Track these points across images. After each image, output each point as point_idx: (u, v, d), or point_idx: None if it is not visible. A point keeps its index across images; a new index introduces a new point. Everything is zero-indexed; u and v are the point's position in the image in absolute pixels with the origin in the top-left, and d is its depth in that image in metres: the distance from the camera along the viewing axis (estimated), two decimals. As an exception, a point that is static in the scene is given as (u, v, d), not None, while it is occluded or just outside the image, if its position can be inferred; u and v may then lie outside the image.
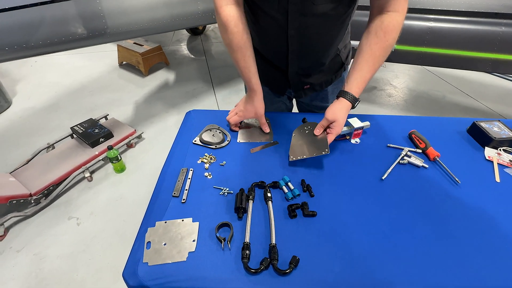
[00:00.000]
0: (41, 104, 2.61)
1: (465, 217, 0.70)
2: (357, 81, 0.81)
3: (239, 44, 0.80)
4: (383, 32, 0.76)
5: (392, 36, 0.77)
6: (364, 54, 0.79)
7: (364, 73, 0.80)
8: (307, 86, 1.01)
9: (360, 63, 0.80)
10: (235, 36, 0.79)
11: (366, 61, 0.79)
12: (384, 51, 0.79)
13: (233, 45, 0.80)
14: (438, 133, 0.96)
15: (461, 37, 1.87)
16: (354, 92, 0.81)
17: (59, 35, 1.30)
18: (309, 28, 0.82)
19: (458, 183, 0.78)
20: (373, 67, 0.80)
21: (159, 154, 2.08)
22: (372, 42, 0.78)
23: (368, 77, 0.81)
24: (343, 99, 0.82)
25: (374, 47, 0.78)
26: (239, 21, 0.78)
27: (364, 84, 0.81)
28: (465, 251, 0.63)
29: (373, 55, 0.78)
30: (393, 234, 0.65)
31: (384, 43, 0.77)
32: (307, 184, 0.76)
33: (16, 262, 1.39)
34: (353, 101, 0.81)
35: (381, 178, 0.79)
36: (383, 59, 0.80)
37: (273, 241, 0.62)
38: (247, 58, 0.83)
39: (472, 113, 2.64)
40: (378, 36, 0.77)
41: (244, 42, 0.80)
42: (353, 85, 0.81)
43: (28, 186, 1.65)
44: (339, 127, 0.81)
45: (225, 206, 0.71)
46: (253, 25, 0.88)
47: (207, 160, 0.84)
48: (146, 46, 3.11)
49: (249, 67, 0.84)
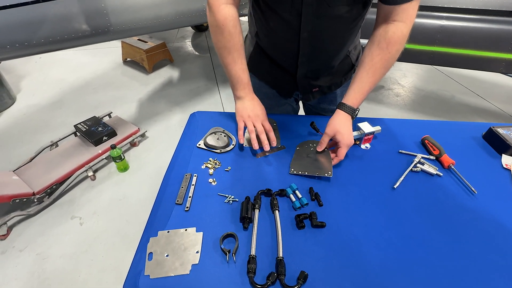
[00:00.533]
0: (45, 101, 2.61)
1: (482, 232, 0.66)
2: (355, 92, 0.78)
3: (236, 46, 0.77)
4: (386, 43, 0.73)
5: (395, 48, 0.74)
6: (365, 65, 0.77)
7: (363, 85, 0.77)
8: (316, 89, 0.97)
9: (360, 74, 0.78)
10: (233, 37, 0.75)
11: (366, 72, 0.77)
12: (385, 63, 0.76)
13: (231, 47, 0.77)
14: (452, 139, 0.92)
15: (474, 36, 1.81)
16: (351, 103, 0.79)
17: (61, 33, 1.28)
18: (322, 31, 0.79)
19: (475, 193, 0.74)
20: (373, 79, 0.77)
21: (163, 153, 2.07)
22: (374, 53, 0.75)
23: (367, 89, 0.78)
24: (340, 111, 0.80)
25: (375, 58, 0.75)
26: (237, 22, 0.75)
27: (362, 95, 0.79)
28: (482, 269, 0.59)
29: (373, 66, 0.76)
30: (406, 249, 0.62)
31: (386, 55, 0.74)
32: (316, 192, 0.73)
33: (19, 262, 1.39)
34: (351, 112, 0.79)
35: (393, 187, 0.76)
36: (385, 71, 0.78)
37: (280, 254, 0.59)
38: (244, 60, 0.81)
39: (483, 114, 2.57)
40: (380, 47, 0.74)
41: (241, 44, 0.78)
42: (351, 97, 0.79)
43: (31, 184, 1.64)
44: (345, 138, 0.77)
45: (230, 215, 0.68)
46: (262, 26, 0.85)
47: (212, 165, 0.81)
48: (150, 43, 3.08)
49: (246, 69, 0.83)
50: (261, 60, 0.95)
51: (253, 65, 0.97)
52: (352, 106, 0.79)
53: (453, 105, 2.72)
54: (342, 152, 0.78)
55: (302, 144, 0.88)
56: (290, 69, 0.92)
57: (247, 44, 0.99)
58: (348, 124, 0.79)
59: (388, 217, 0.69)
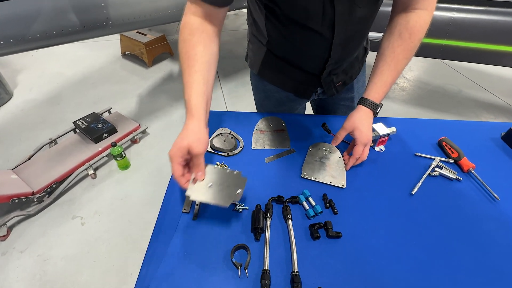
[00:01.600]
0: (43, 96, 2.55)
1: (506, 241, 0.62)
2: (377, 86, 0.74)
3: (188, 53, 0.64)
4: (409, 34, 0.69)
5: (418, 37, 0.69)
6: (386, 57, 0.72)
7: (385, 78, 0.73)
8: (339, 83, 0.93)
9: (381, 67, 0.73)
10: (186, 44, 0.64)
11: (388, 64, 0.72)
12: (408, 54, 0.71)
13: (182, 54, 0.65)
14: (470, 140, 0.88)
15: (486, 29, 1.74)
16: (374, 98, 0.74)
17: (58, 27, 1.21)
18: (355, 34, 0.75)
19: (497, 200, 0.70)
20: (395, 71, 0.72)
21: (165, 150, 2.01)
22: (395, 44, 0.71)
23: (390, 82, 0.73)
24: (362, 106, 0.75)
25: (397, 49, 0.71)
26: (196, 32, 0.64)
27: (386, 89, 0.74)
28: (509, 284, 0.56)
29: (395, 58, 0.71)
30: (428, 261, 0.59)
31: (409, 45, 0.70)
32: (330, 199, 0.69)
33: (20, 264, 1.36)
34: (373, 107, 0.74)
35: (411, 193, 0.72)
36: (407, 62, 0.73)
37: (295, 269, 0.56)
38: (193, 73, 0.63)
39: (491, 109, 2.52)
40: (402, 38, 0.70)
41: (194, 53, 0.64)
42: (373, 91, 0.74)
43: (31, 184, 1.60)
44: (362, 135, 0.73)
45: (240, 224, 0.65)
46: (281, 38, 0.80)
47: (219, 169, 0.77)
48: (149, 36, 3.00)
49: (192, 83, 0.63)
50: (276, 66, 0.89)
51: (266, 71, 0.91)
52: (375, 101, 0.74)
53: (460, 100, 2.66)
54: (357, 151, 0.73)
55: (315, 146, 0.83)
56: (314, 71, 0.87)
57: (254, 51, 0.92)
58: (369, 121, 0.74)
59: (407, 226, 0.65)
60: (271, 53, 0.87)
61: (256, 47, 0.90)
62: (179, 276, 0.56)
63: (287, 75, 0.88)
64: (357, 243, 0.62)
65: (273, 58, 0.87)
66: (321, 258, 0.59)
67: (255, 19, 0.83)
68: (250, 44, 0.94)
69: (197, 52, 0.64)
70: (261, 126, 0.91)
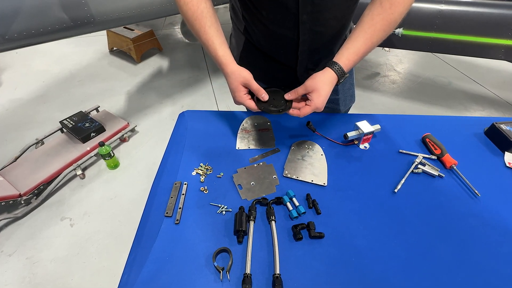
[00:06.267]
0: (29, 95, 2.49)
1: (487, 239, 0.63)
2: (349, 52, 0.70)
3: (195, 14, 0.69)
4: (390, 3, 0.66)
5: (399, 10, 0.66)
6: (364, 24, 0.69)
7: (359, 45, 0.69)
8: None
9: (356, 34, 0.69)
10: (189, 7, 0.69)
11: (364, 32, 0.68)
12: (386, 25, 0.68)
13: (189, 16, 0.69)
14: (453, 136, 0.88)
15: (474, 22, 1.74)
16: (343, 63, 0.70)
17: (38, 26, 1.17)
18: (324, 11, 0.71)
19: (478, 196, 0.71)
20: (370, 41, 0.69)
21: (154, 148, 2.00)
22: (374, 13, 0.67)
23: (363, 51, 0.70)
24: (328, 69, 0.70)
25: (376, 18, 0.67)
26: None
27: (357, 57, 0.70)
28: (489, 280, 0.57)
29: (373, 26, 0.68)
30: (410, 260, 0.59)
31: (389, 16, 0.67)
32: (313, 199, 0.69)
33: (8, 267, 1.35)
34: (340, 73, 0.70)
35: (394, 191, 0.72)
36: (384, 34, 0.69)
37: (277, 271, 0.56)
38: (207, 28, 0.70)
39: (479, 101, 2.55)
40: (382, 7, 0.67)
41: (200, 11, 0.69)
42: (343, 56, 0.70)
43: (18, 185, 1.58)
44: (318, 100, 0.69)
45: (223, 227, 0.64)
46: (253, 18, 0.78)
47: (203, 171, 0.76)
48: (137, 31, 2.93)
49: (212, 38, 0.70)
50: (254, 58, 0.88)
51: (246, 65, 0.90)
52: (343, 67, 0.70)
53: (450, 92, 2.68)
54: (305, 112, 0.70)
55: (298, 144, 0.83)
56: (289, 63, 0.85)
57: (234, 44, 0.91)
58: (330, 87, 0.70)
59: (390, 225, 0.65)
60: (249, 43, 0.86)
61: (237, 37, 0.90)
62: (161, 281, 0.56)
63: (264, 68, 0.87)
64: (339, 243, 0.62)
65: (250, 48, 0.86)
66: (304, 260, 0.59)
67: (232, 3, 0.82)
68: (232, 38, 0.94)
69: (203, 10, 0.70)
70: (246, 125, 0.90)
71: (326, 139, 0.86)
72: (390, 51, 3.23)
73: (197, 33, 0.71)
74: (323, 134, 0.86)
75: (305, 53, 0.81)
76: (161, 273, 0.57)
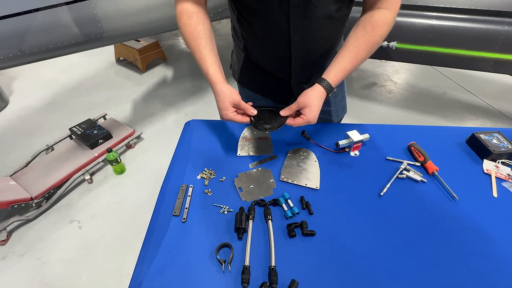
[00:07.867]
0: (38, 102, 2.59)
1: (463, 239, 0.70)
2: (336, 70, 0.78)
3: (192, 34, 0.77)
4: (371, 27, 0.75)
5: (380, 32, 0.76)
6: (349, 45, 0.78)
7: (345, 63, 0.78)
8: None
9: (342, 53, 0.78)
10: (187, 27, 0.77)
11: (349, 51, 0.77)
12: (369, 46, 0.77)
13: (186, 36, 0.78)
14: (438, 144, 0.96)
15: (463, 36, 1.84)
16: (331, 80, 0.78)
17: (54, 41, 1.28)
18: (313, 33, 0.80)
19: (456, 200, 0.78)
20: (355, 60, 0.78)
21: (159, 154, 2.08)
22: (358, 35, 0.77)
23: (349, 68, 0.78)
24: (317, 85, 0.78)
25: (360, 39, 0.76)
26: (193, 15, 0.77)
27: (343, 74, 0.79)
28: (465, 277, 0.63)
29: (357, 46, 0.77)
30: (393, 257, 0.66)
31: (371, 38, 0.76)
32: (307, 201, 0.77)
33: (19, 267, 1.42)
34: (328, 89, 0.78)
35: (380, 194, 0.80)
36: (367, 54, 0.78)
37: (272, 263, 0.63)
38: (201, 48, 0.77)
39: (473, 110, 2.63)
40: (365, 30, 0.76)
41: (197, 32, 0.77)
42: (331, 73, 0.78)
43: (29, 189, 1.66)
44: (311, 114, 0.77)
45: (225, 225, 0.72)
46: (250, 36, 0.87)
47: (207, 175, 0.84)
48: (143, 42, 3.06)
49: (205, 57, 0.77)
50: (253, 72, 0.97)
51: (246, 78, 0.99)
52: (331, 83, 0.78)
53: (445, 102, 2.77)
54: (298, 122, 0.79)
55: (294, 152, 0.91)
56: (284, 77, 0.93)
57: (235, 59, 1.01)
58: (320, 102, 0.78)
59: (375, 225, 0.73)
60: (248, 59, 0.95)
61: (237, 53, 0.99)
62: (170, 272, 0.63)
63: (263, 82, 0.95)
64: (329, 240, 0.69)
65: (249, 64, 0.95)
66: (297, 254, 0.66)
67: (233, 24, 0.91)
68: (233, 55, 1.03)
69: (199, 31, 0.77)
70: (247, 134, 0.98)
71: (320, 147, 0.93)
72: (387, 63, 3.33)
73: (193, 51, 0.79)
74: (317, 142, 0.94)
75: (298, 69, 0.89)
76: (169, 266, 0.64)
